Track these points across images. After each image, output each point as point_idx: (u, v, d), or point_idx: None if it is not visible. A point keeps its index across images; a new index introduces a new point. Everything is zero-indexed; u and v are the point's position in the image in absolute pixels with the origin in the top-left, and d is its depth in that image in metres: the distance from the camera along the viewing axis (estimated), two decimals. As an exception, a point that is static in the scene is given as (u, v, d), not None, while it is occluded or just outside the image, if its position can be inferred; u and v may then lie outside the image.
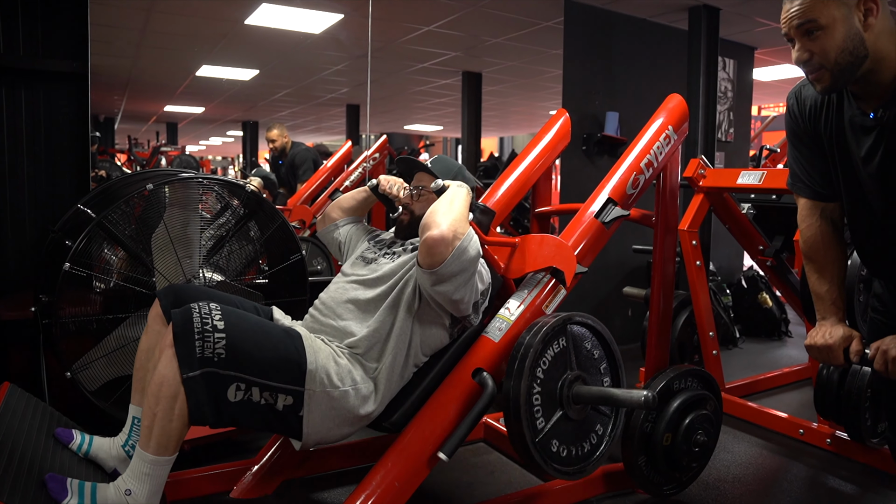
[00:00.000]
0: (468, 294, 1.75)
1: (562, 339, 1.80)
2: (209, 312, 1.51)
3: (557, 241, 1.98)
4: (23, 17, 2.56)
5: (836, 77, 1.35)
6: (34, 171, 2.64)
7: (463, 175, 2.05)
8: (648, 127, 2.20)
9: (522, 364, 1.71)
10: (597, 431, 1.89)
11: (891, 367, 1.38)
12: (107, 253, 2.23)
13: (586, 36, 3.99)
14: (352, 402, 1.67)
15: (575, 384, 1.80)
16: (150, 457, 1.48)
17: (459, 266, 1.67)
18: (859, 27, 1.31)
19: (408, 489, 1.67)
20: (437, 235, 1.62)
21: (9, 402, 1.77)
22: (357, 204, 2.22)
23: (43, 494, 1.43)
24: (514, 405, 1.70)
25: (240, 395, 1.50)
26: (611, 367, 1.94)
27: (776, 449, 2.71)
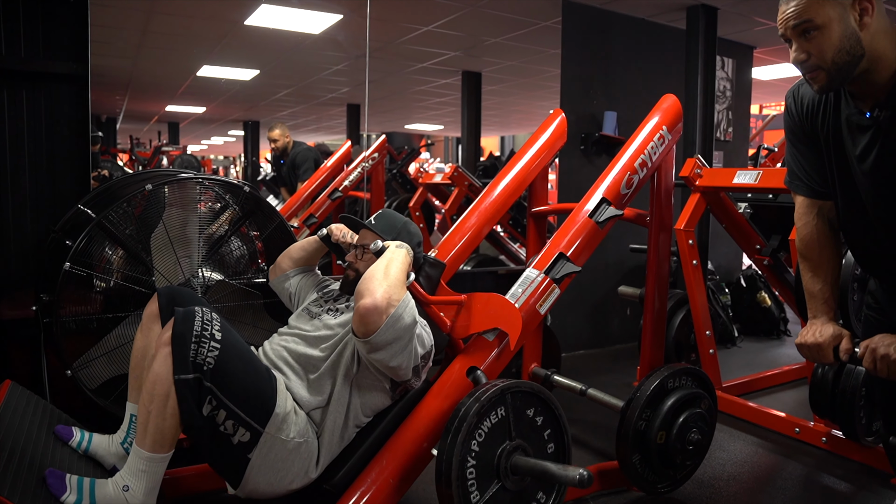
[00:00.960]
0: (406, 360, 1.69)
1: (500, 409, 1.71)
2: (211, 321, 1.53)
3: (503, 301, 1.89)
4: (24, 20, 2.58)
5: (833, 76, 1.36)
6: (35, 171, 2.66)
7: (407, 231, 1.97)
8: (643, 127, 2.22)
9: (455, 437, 1.62)
10: (539, 499, 1.80)
11: (879, 364, 1.40)
12: (108, 252, 2.25)
13: (584, 36, 4.00)
14: (302, 457, 1.65)
15: (514, 454, 1.71)
16: (146, 454, 1.50)
17: (394, 334, 1.62)
18: (855, 27, 1.32)
19: (403, 486, 1.70)
20: (370, 304, 1.58)
21: (10, 399, 1.79)
22: (307, 254, 2.18)
23: (43, 490, 1.45)
24: (446, 477, 1.61)
25: (208, 410, 1.49)
26: (555, 433, 1.84)
27: (772, 447, 2.72)
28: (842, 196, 1.54)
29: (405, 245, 1.83)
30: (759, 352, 4.26)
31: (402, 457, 1.70)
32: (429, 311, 1.90)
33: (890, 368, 1.39)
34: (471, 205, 2.35)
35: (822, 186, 1.58)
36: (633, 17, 4.20)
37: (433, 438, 1.74)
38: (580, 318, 4.21)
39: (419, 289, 1.87)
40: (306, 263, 2.19)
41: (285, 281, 2.17)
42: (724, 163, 4.82)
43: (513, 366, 2.83)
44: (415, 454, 1.72)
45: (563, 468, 1.63)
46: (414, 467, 1.72)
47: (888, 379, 1.41)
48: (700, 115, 4.08)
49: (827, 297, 1.58)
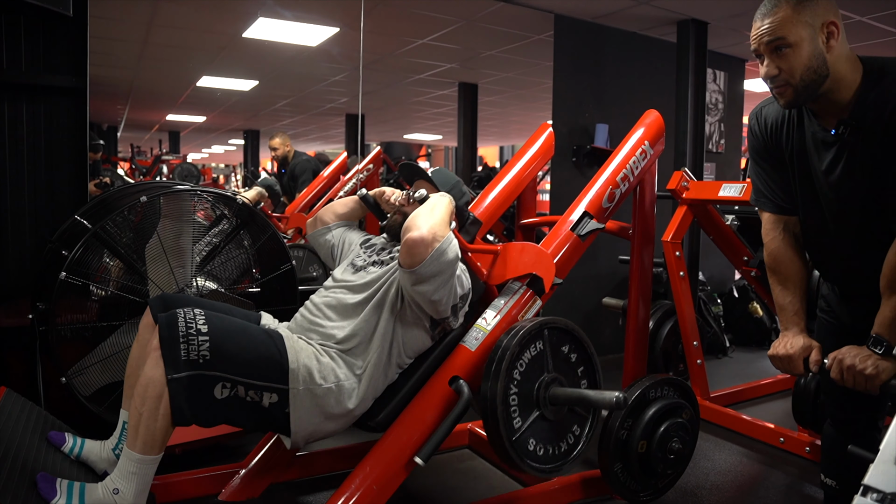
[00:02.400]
0: (447, 296, 1.80)
1: (539, 343, 1.87)
2: (193, 318, 1.59)
3: (538, 249, 2.05)
4: (25, 35, 2.64)
5: (800, 93, 1.45)
6: (34, 182, 2.72)
7: (459, 189, 2.13)
8: (625, 142, 2.27)
9: (500, 366, 1.77)
10: (574, 432, 1.97)
11: (846, 375, 1.45)
12: (106, 261, 2.31)
13: (576, 49, 4.07)
14: (335, 399, 1.74)
15: (551, 386, 1.87)
16: (136, 456, 1.55)
17: (438, 267, 1.73)
18: (822, 48, 1.42)
19: (385, 492, 1.74)
20: (417, 237, 1.69)
21: (4, 405, 1.84)
22: (350, 210, 2.30)
23: (34, 494, 1.50)
24: (492, 405, 1.77)
25: (226, 392, 1.58)
26: (588, 370, 2.00)
27: (757, 457, 2.76)
28: (803, 207, 1.62)
29: (447, 196, 1.94)
30: (750, 362, 4.30)
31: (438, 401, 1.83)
32: (467, 259, 2.02)
33: (856, 379, 1.44)
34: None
35: (786, 202, 1.65)
36: (625, 31, 4.26)
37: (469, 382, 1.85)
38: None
39: (459, 236, 1.97)
40: (348, 218, 2.29)
41: (327, 233, 2.26)
42: (717, 174, 4.87)
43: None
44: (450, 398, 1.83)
45: (599, 393, 1.78)
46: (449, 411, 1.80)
47: (853, 389, 1.46)
48: (691, 127, 4.13)
49: (797, 308, 1.63)
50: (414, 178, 2.20)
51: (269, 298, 2.52)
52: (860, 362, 1.42)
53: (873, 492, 1.08)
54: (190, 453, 2.38)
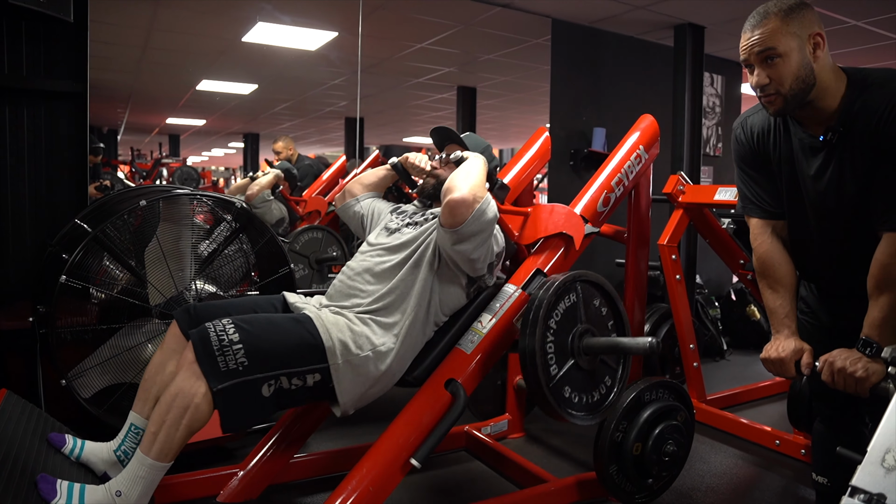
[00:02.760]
0: (484, 254, 1.90)
1: (572, 295, 1.96)
2: (224, 329, 1.63)
3: (567, 210, 2.15)
4: (26, 40, 2.67)
5: (789, 101, 1.49)
6: (35, 186, 2.74)
7: (489, 153, 2.21)
8: (620, 147, 2.30)
9: (537, 315, 1.85)
10: (605, 382, 2.06)
11: (837, 378, 1.47)
12: (106, 264, 2.33)
13: (573, 53, 4.09)
14: (374, 365, 1.80)
15: (585, 336, 1.97)
16: (149, 461, 1.58)
17: (479, 226, 1.82)
18: (810, 58, 1.48)
19: (382, 493, 1.75)
20: (459, 197, 1.78)
21: (5, 407, 1.85)
22: (378, 180, 2.36)
23: (35, 494, 1.51)
24: (531, 352, 1.85)
25: (272, 388, 1.65)
26: (617, 323, 2.10)
27: (752, 459, 2.78)
28: (790, 211, 1.66)
29: (481, 156, 2.01)
30: (748, 365, 4.31)
31: (433, 403, 1.85)
32: (500, 220, 2.09)
33: (846, 381, 1.46)
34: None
35: (773, 207, 1.68)
36: (622, 35, 4.29)
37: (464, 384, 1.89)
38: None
39: (494, 198, 2.03)
40: (376, 189, 2.35)
41: (355, 205, 2.31)
42: (714, 178, 4.90)
43: (498, 378, 2.90)
44: (445, 400, 1.86)
45: (632, 340, 1.89)
46: (444, 413, 1.84)
47: (844, 391, 1.48)
48: (688, 131, 4.16)
49: (787, 311, 1.66)
50: (446, 142, 2.26)
51: (268, 301, 2.54)
52: (850, 365, 1.44)
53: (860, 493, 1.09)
54: (188, 455, 2.39)
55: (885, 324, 1.46)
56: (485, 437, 2.70)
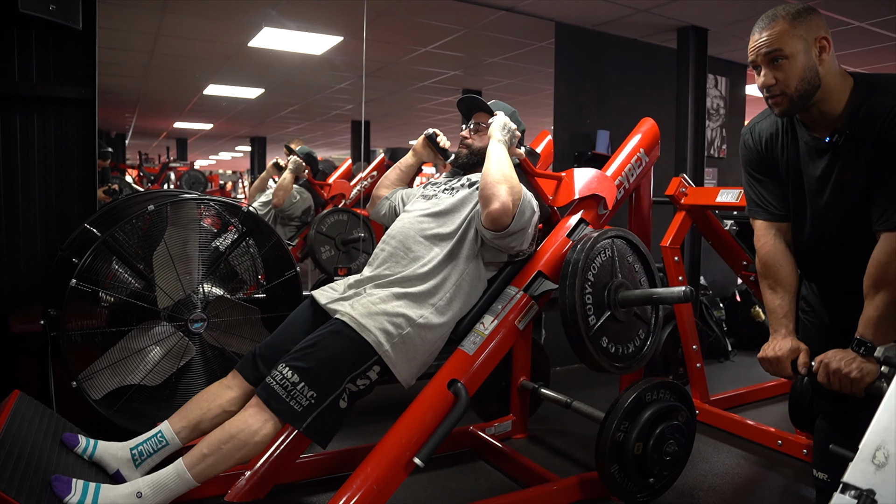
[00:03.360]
0: (523, 241, 1.99)
1: (607, 250, 2.07)
2: (283, 375, 1.75)
3: (600, 174, 2.27)
4: (37, 48, 2.72)
5: (794, 102, 1.53)
6: (45, 191, 2.79)
7: (516, 118, 2.25)
8: (621, 150, 2.32)
9: (577, 267, 1.95)
10: (639, 335, 2.16)
11: (832, 378, 1.50)
12: (115, 268, 2.37)
13: (577, 56, 4.12)
14: (418, 338, 1.89)
15: (620, 290, 2.06)
16: (188, 476, 1.67)
17: (521, 225, 1.92)
18: (815, 61, 1.52)
19: (386, 492, 1.78)
20: (499, 208, 1.85)
21: (18, 409, 1.89)
22: (402, 174, 2.42)
23: (48, 492, 1.55)
24: (571, 303, 1.94)
25: (346, 398, 1.81)
26: (650, 279, 2.21)
27: (755, 459, 2.79)
28: (795, 211, 1.69)
29: (503, 138, 2.03)
30: (752, 366, 4.31)
31: (436, 403, 1.89)
32: (534, 183, 2.17)
33: (842, 382, 1.48)
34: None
35: (778, 209, 1.70)
36: (625, 38, 4.31)
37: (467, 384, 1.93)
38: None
39: (529, 162, 2.13)
40: (401, 184, 2.43)
41: (386, 203, 2.38)
42: (718, 179, 4.91)
43: (502, 379, 2.93)
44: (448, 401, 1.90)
45: (667, 289, 1.98)
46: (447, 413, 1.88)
47: (840, 391, 1.50)
48: (691, 132, 4.17)
49: (786, 311, 1.68)
50: (473, 111, 2.30)
51: (275, 304, 2.58)
52: (845, 366, 1.46)
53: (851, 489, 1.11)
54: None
55: (880, 323, 1.48)
56: (489, 437, 2.73)
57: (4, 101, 2.69)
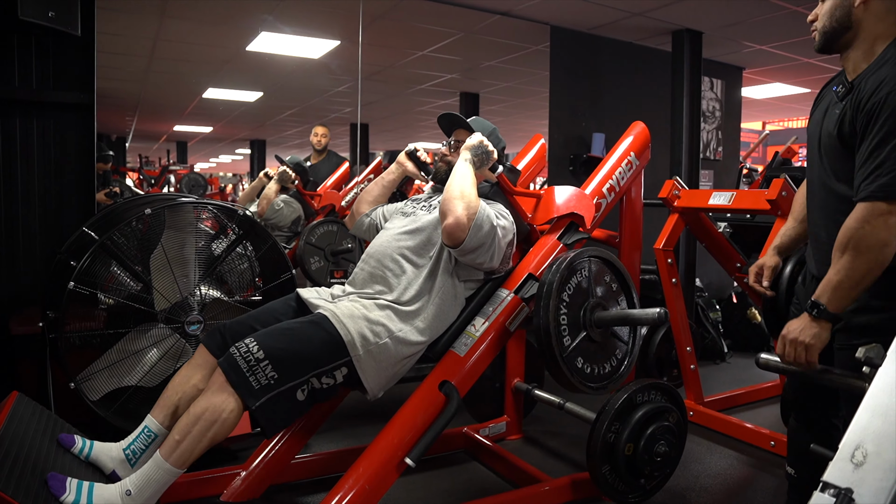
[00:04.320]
0: (491, 258, 1.99)
1: (584, 270, 2.06)
2: (248, 349, 1.72)
3: (579, 192, 2.25)
4: (36, 54, 2.75)
5: (822, 37, 1.56)
6: (44, 195, 2.82)
7: (496, 135, 2.26)
8: (611, 154, 2.35)
9: (551, 288, 1.94)
10: (616, 355, 2.15)
11: (788, 349, 1.51)
12: (115, 271, 2.40)
13: (572, 59, 4.15)
14: (394, 349, 1.89)
15: (596, 310, 2.05)
16: (167, 465, 1.66)
17: (479, 241, 1.92)
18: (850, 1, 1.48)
19: (378, 492, 1.81)
20: (453, 222, 1.87)
21: (16, 409, 1.92)
22: (381, 191, 2.42)
23: (45, 491, 1.58)
24: (545, 324, 1.93)
25: (305, 391, 1.77)
26: (627, 299, 2.19)
27: (747, 460, 2.81)
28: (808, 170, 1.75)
29: (469, 165, 2.03)
30: (748, 367, 4.33)
31: (428, 404, 1.92)
32: (512, 201, 2.18)
33: (797, 351, 1.49)
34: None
35: None
36: (620, 41, 4.34)
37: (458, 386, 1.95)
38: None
39: (506, 180, 2.14)
40: (381, 202, 2.42)
41: (366, 219, 2.38)
42: (714, 181, 4.93)
43: (497, 380, 2.95)
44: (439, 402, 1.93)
45: (641, 311, 1.97)
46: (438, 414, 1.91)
47: (800, 365, 1.50)
48: (686, 135, 4.20)
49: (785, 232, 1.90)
50: (454, 127, 2.31)
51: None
52: (800, 334, 1.48)
53: (830, 487, 1.13)
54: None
55: (838, 287, 1.46)
56: (483, 438, 2.75)
57: (4, 106, 2.72)
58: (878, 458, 1.12)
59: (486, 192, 2.20)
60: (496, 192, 2.20)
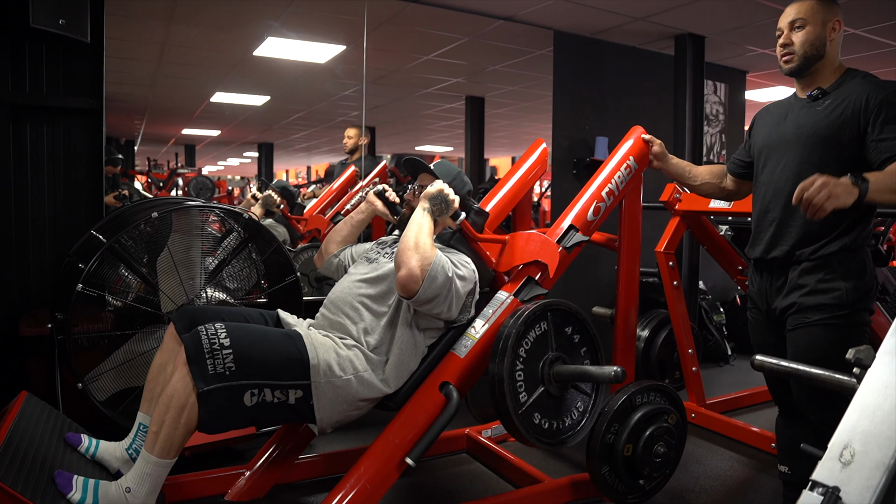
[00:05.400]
0: (448, 308, 1.95)
1: (543, 324, 2.01)
2: (216, 332, 1.71)
3: (543, 238, 2.19)
4: (46, 60, 2.80)
5: (801, 61, 1.87)
6: (54, 198, 2.87)
7: (461, 179, 2.26)
8: (611, 158, 2.37)
9: (506, 344, 1.90)
10: (577, 408, 2.11)
11: (812, 189, 1.58)
12: (123, 273, 2.45)
13: (576, 64, 4.17)
14: (356, 388, 1.87)
15: (555, 364, 2.00)
16: (153, 458, 1.68)
17: (433, 292, 1.88)
18: (825, 36, 1.86)
19: (379, 491, 1.84)
20: (406, 274, 1.83)
21: (25, 409, 1.97)
22: (353, 230, 2.41)
23: (52, 488, 1.62)
24: (499, 380, 1.89)
25: (255, 398, 1.71)
26: (590, 350, 2.13)
27: (748, 462, 2.83)
28: (761, 175, 2.03)
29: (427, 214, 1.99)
30: (751, 370, 4.32)
31: (428, 405, 1.93)
32: (476, 248, 2.14)
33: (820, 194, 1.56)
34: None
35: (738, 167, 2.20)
36: (623, 46, 4.35)
37: (458, 387, 1.96)
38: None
39: (469, 227, 2.09)
40: (350, 242, 2.41)
41: (335, 259, 2.36)
42: (718, 185, 4.93)
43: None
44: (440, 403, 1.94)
45: (599, 368, 1.93)
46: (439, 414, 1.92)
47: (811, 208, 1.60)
48: (689, 139, 4.21)
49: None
50: (418, 173, 2.31)
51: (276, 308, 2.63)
52: (834, 185, 1.57)
53: (819, 486, 1.16)
54: (199, 455, 2.49)
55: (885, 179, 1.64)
56: (485, 439, 2.78)
57: (16, 112, 2.78)
58: (865, 458, 1.14)
59: (448, 240, 2.15)
60: (459, 238, 2.14)
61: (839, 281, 1.80)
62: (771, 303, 1.96)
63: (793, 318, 1.88)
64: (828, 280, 1.81)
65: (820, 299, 1.82)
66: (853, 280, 1.80)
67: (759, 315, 2.05)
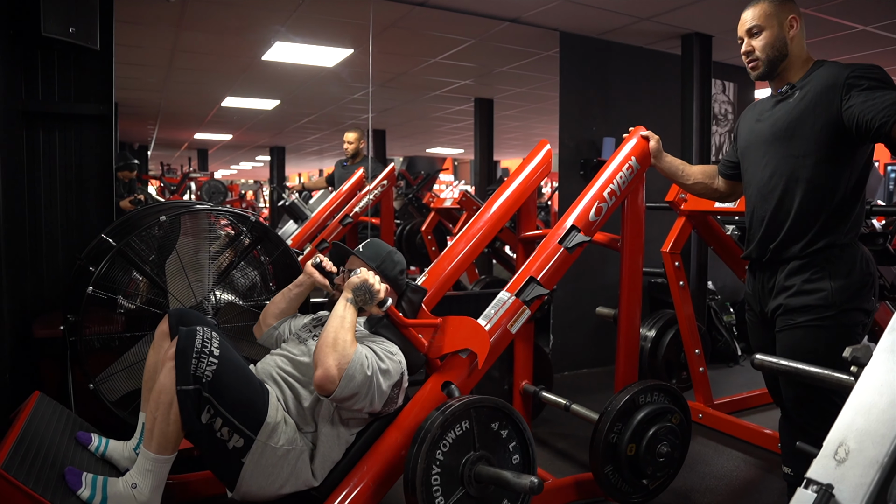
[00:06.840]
0: (370, 403, 1.84)
1: (465, 422, 1.86)
2: (211, 339, 1.72)
3: (474, 325, 2.05)
4: (58, 68, 2.86)
5: (766, 65, 1.90)
6: (66, 203, 2.93)
7: (391, 259, 2.13)
8: (613, 159, 2.38)
9: (421, 447, 1.77)
10: None
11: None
12: (135, 276, 2.49)
13: (582, 65, 4.18)
14: (291, 463, 1.80)
15: (477, 464, 1.85)
16: (151, 455, 1.71)
17: (351, 391, 1.78)
18: (785, 35, 1.87)
19: (382, 489, 1.86)
20: (322, 374, 1.75)
21: (38, 408, 2.02)
22: (291, 302, 2.28)
23: (63, 485, 1.67)
24: (412, 485, 1.76)
25: (207, 418, 1.67)
26: (520, 445, 1.98)
27: (754, 462, 2.82)
28: (747, 171, 2.05)
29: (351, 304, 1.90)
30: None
31: (380, 463, 1.87)
32: (406, 334, 2.04)
33: None
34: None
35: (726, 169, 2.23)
36: (630, 46, 4.36)
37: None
38: (583, 337, 4.32)
39: (397, 313, 2.01)
40: (289, 313, 2.29)
41: (273, 332, 2.26)
42: (728, 184, 4.91)
43: (505, 383, 2.99)
44: (392, 461, 1.89)
45: (516, 476, 1.76)
46: (391, 473, 1.89)
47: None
48: (696, 138, 4.20)
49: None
50: (345, 258, 2.20)
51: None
52: None
53: (813, 483, 1.16)
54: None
55: None
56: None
57: (28, 119, 2.83)
58: (859, 455, 1.14)
59: (375, 326, 2.04)
60: (386, 325, 2.03)
61: (825, 281, 1.79)
62: (764, 305, 1.96)
63: (780, 320, 1.88)
64: (814, 280, 1.81)
65: (805, 300, 1.81)
66: (841, 279, 1.78)
67: (754, 317, 2.06)
